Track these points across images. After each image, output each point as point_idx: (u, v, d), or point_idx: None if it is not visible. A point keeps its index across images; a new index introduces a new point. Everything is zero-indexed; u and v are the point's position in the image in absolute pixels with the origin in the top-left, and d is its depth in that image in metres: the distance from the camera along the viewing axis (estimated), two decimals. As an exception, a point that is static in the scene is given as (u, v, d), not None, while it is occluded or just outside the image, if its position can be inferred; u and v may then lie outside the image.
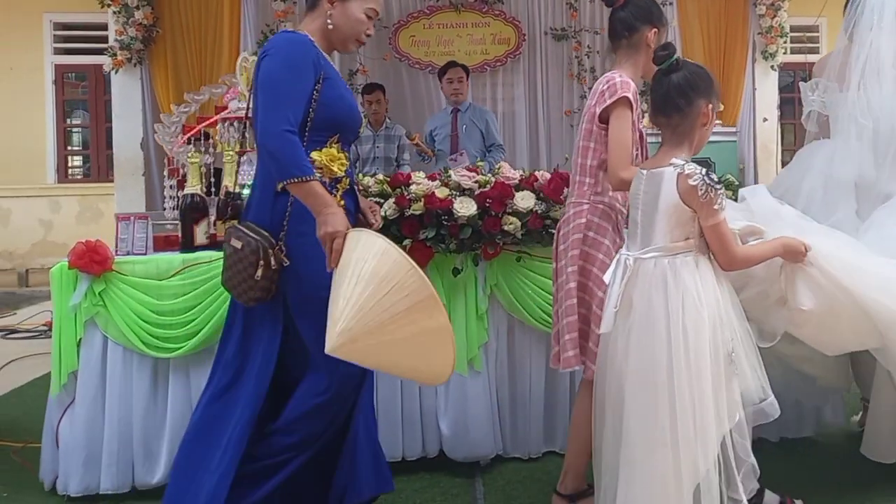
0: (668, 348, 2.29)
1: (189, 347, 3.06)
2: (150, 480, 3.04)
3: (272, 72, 2.42)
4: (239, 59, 3.59)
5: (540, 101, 7.41)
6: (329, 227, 2.32)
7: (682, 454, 2.26)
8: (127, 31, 6.94)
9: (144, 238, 3.19)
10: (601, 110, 2.72)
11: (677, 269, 2.34)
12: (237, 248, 2.44)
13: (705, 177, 2.30)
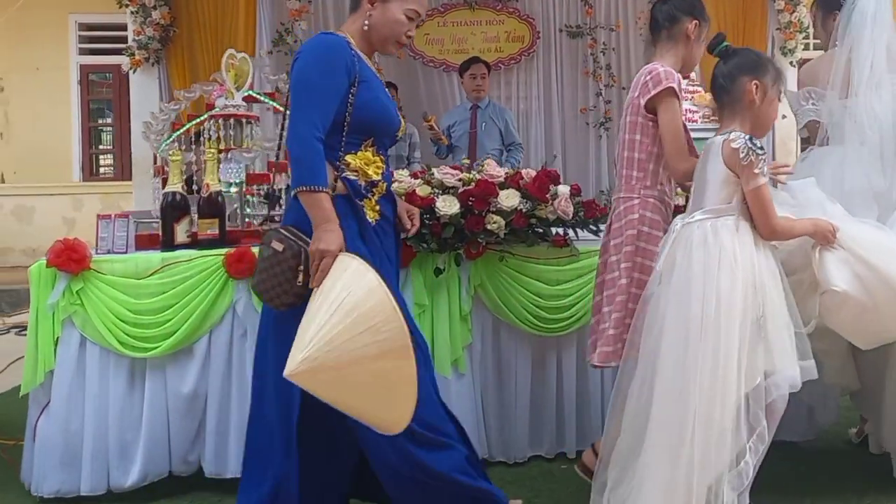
0: (702, 304, 2.38)
1: (165, 347, 3.02)
2: (124, 483, 3.00)
3: (303, 73, 2.40)
4: (224, 56, 3.55)
5: (555, 98, 7.30)
6: (322, 245, 2.28)
7: (699, 406, 2.33)
8: (144, 31, 6.95)
9: (125, 237, 3.16)
10: (647, 101, 2.71)
11: (718, 230, 2.44)
12: (278, 250, 2.38)
13: (748, 141, 2.40)
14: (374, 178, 2.50)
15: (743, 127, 2.52)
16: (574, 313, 3.27)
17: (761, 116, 2.57)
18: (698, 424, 2.34)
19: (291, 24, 7.09)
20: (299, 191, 2.32)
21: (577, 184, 3.44)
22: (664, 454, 2.40)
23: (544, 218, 3.21)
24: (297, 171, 2.35)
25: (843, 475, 3.23)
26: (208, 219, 3.19)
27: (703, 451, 2.34)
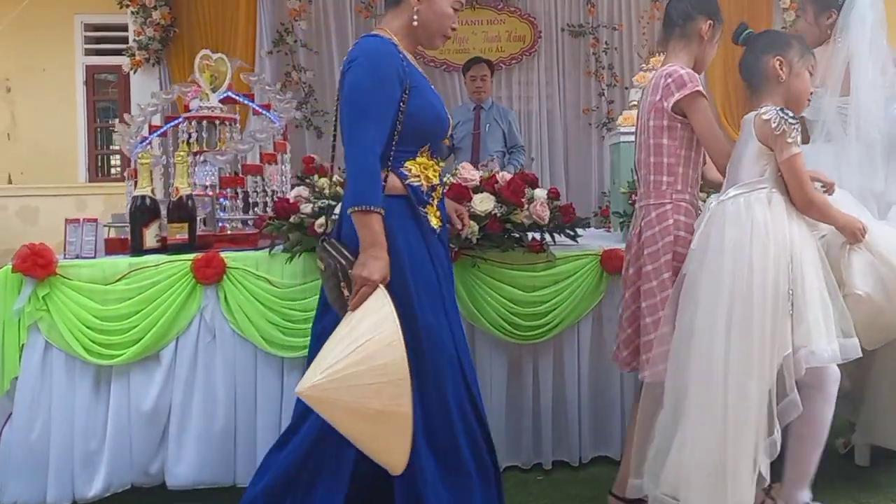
0: (734, 277, 2.42)
1: (130, 354, 2.96)
2: (88, 493, 2.94)
3: (357, 84, 2.31)
4: (198, 58, 3.49)
5: (557, 99, 7.20)
6: (365, 272, 2.21)
7: (733, 378, 2.37)
8: (145, 32, 6.94)
9: (93, 241, 3.11)
10: (672, 103, 2.66)
11: (751, 204, 2.48)
12: (321, 269, 2.41)
13: (779, 112, 2.47)
14: (434, 181, 2.46)
15: (775, 104, 2.55)
16: (550, 320, 3.18)
17: (792, 91, 2.61)
18: (732, 395, 2.36)
19: (291, 24, 7.04)
20: (352, 210, 2.26)
21: (555, 188, 3.36)
22: (702, 426, 2.43)
23: (519, 223, 3.13)
24: (352, 189, 2.29)
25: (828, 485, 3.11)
26: (178, 223, 3.14)
27: (738, 421, 2.36)
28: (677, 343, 2.52)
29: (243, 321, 3.03)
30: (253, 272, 3.07)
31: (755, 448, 2.37)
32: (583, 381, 3.27)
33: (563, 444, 3.30)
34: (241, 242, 3.28)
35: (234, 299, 3.04)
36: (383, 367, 2.11)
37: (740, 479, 2.36)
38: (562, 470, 3.31)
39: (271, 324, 3.04)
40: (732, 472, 2.36)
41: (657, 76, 2.74)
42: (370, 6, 7.11)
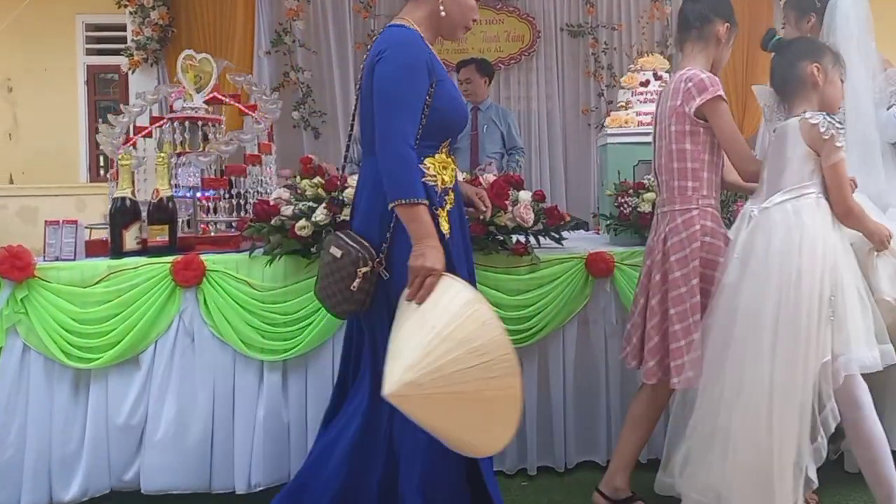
0: (782, 283, 2.42)
1: (108, 358, 2.92)
2: (64, 497, 2.91)
3: (389, 78, 2.27)
4: (181, 58, 3.45)
5: (556, 99, 7.16)
6: (428, 262, 2.17)
7: (780, 383, 2.38)
8: (143, 31, 6.92)
9: (73, 243, 3.07)
10: (695, 108, 2.65)
11: (799, 210, 2.49)
12: (336, 256, 2.33)
13: (826, 116, 2.49)
14: (448, 184, 2.42)
15: (812, 109, 2.57)
16: (535, 324, 3.13)
17: (826, 97, 2.63)
18: (778, 401, 2.38)
19: (289, 24, 7.01)
20: (397, 205, 2.22)
21: (540, 190, 3.31)
22: (747, 432, 2.43)
23: (503, 225, 3.08)
24: (393, 184, 2.23)
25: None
26: (158, 225, 3.10)
27: (783, 427, 2.37)
28: (715, 350, 2.53)
29: (222, 324, 2.99)
30: (233, 275, 3.03)
31: (800, 454, 2.39)
32: (568, 386, 3.22)
33: (548, 449, 3.25)
34: (222, 245, 3.25)
35: (213, 302, 3.00)
36: (483, 348, 2.06)
37: (786, 485, 2.37)
38: (547, 475, 3.25)
39: (251, 327, 3.00)
40: (779, 477, 2.37)
41: (676, 80, 2.72)
42: (369, 6, 7.09)
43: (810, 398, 2.38)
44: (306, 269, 3.05)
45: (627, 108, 3.56)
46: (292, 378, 3.05)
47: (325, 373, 3.07)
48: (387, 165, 2.25)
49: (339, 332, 3.04)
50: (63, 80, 9.90)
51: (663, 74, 3.59)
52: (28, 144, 9.94)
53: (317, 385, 3.05)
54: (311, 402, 3.04)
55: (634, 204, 3.21)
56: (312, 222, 2.98)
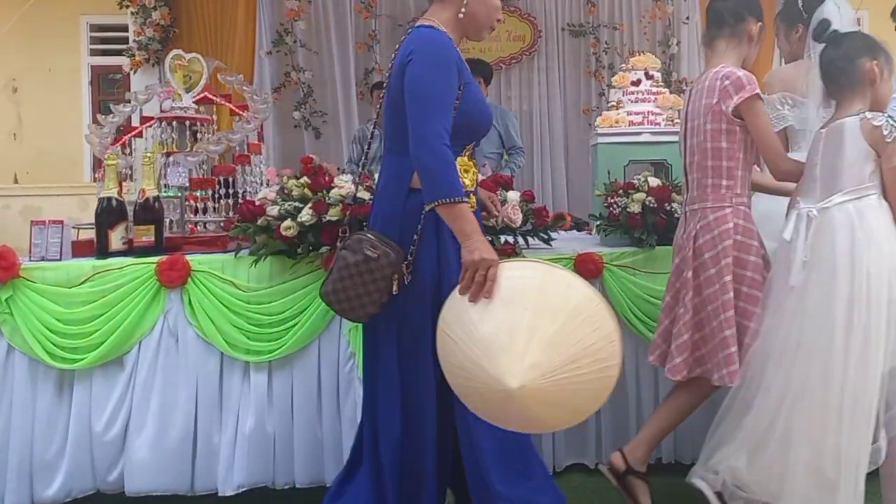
0: (851, 285, 2.38)
1: (92, 359, 2.91)
2: (46, 497, 2.89)
3: (423, 77, 2.25)
4: (168, 58, 3.44)
5: (557, 99, 7.11)
6: (485, 255, 2.16)
7: (849, 385, 2.35)
8: (145, 32, 6.93)
9: (59, 243, 3.06)
10: (733, 107, 2.65)
11: (863, 211, 2.46)
12: (372, 257, 2.28)
13: (889, 119, 2.46)
14: (469, 188, 2.41)
15: (865, 107, 2.55)
16: (524, 326, 3.09)
17: (879, 96, 2.60)
18: (848, 402, 2.35)
19: (291, 25, 7.00)
20: (439, 204, 2.19)
21: (530, 190, 3.28)
22: (813, 432, 2.40)
23: (490, 226, 3.05)
24: (433, 184, 2.20)
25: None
26: (144, 225, 3.09)
27: (853, 427, 2.35)
28: (779, 352, 2.51)
29: (207, 325, 2.97)
30: (218, 275, 3.01)
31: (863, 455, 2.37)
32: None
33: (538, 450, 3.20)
34: (210, 245, 3.22)
35: (198, 303, 2.98)
36: (576, 306, 2.06)
37: (850, 487, 2.35)
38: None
39: (236, 328, 2.98)
40: (844, 479, 2.35)
41: (711, 77, 2.71)
42: (370, 6, 7.07)
43: (877, 400, 2.36)
44: (292, 270, 3.03)
45: (619, 107, 3.52)
46: (278, 379, 3.02)
47: (311, 374, 3.04)
48: (427, 165, 2.21)
49: (326, 332, 3.03)
50: (67, 81, 9.93)
51: (655, 74, 3.55)
52: (32, 144, 9.98)
53: (302, 386, 3.02)
54: (296, 403, 3.01)
55: (624, 204, 3.17)
56: (298, 222, 2.95)
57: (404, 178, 2.34)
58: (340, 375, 3.03)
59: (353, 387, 3.00)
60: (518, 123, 6.21)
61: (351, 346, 3.02)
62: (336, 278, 2.33)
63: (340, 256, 2.33)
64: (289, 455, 3.00)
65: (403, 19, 7.14)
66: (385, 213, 2.38)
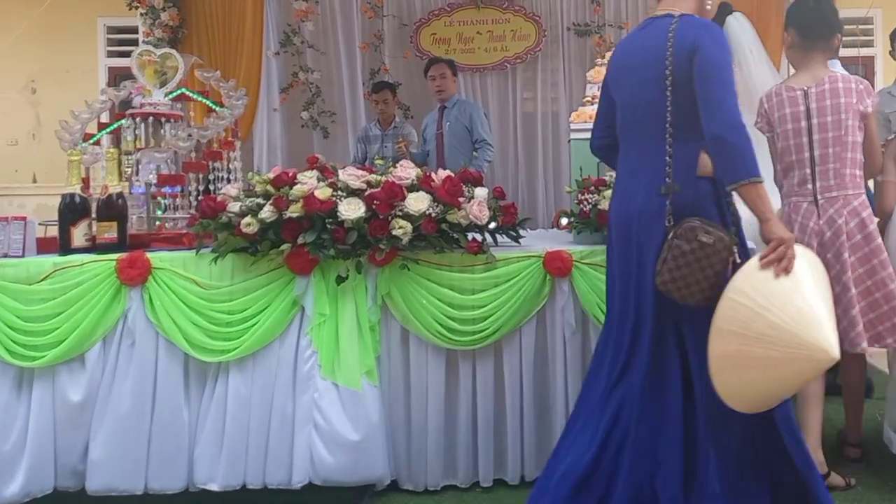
0: None
1: (53, 356, 2.88)
2: (5, 493, 2.86)
3: (719, 60, 2.38)
4: (135, 54, 3.41)
5: (562, 98, 6.99)
6: (785, 234, 2.31)
7: None
8: (154, 33, 6.97)
9: (21, 240, 3.04)
10: (868, 107, 3.02)
11: None
12: (707, 243, 2.33)
13: None
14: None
15: None
16: (490, 325, 3.00)
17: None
18: None
19: (298, 25, 6.99)
20: (746, 184, 2.31)
21: (499, 187, 3.20)
22: None
23: (457, 223, 2.97)
24: (740, 164, 2.31)
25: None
26: (106, 222, 3.05)
27: None
28: None
29: (168, 324, 2.92)
30: (179, 273, 2.97)
31: None
32: (526, 391, 3.07)
33: (503, 460, 3.11)
34: (176, 242, 3.18)
35: (159, 301, 2.94)
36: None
37: None
38: (503, 489, 3.11)
39: (196, 326, 2.93)
40: None
41: (843, 80, 3.01)
42: (376, 7, 7.01)
43: None
44: (253, 267, 2.97)
45: (594, 102, 3.42)
46: (237, 379, 2.96)
47: (270, 373, 2.98)
48: (734, 143, 2.29)
49: (286, 332, 2.98)
50: (84, 82, 9.98)
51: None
52: (50, 144, 9.89)
53: (261, 386, 2.97)
54: (255, 403, 2.95)
55: (595, 201, 3.08)
56: (258, 219, 2.90)
57: (693, 165, 2.43)
58: (299, 375, 2.96)
59: (311, 386, 2.94)
60: (487, 119, 6.17)
61: (313, 344, 2.96)
62: (672, 267, 2.36)
63: (674, 245, 2.36)
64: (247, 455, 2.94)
65: (409, 20, 7.09)
66: (694, 198, 2.41)
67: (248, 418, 2.93)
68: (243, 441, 2.93)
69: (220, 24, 7.02)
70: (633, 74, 2.55)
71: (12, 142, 10.07)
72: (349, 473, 2.95)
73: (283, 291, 2.96)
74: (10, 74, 9.89)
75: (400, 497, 3.06)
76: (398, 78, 7.04)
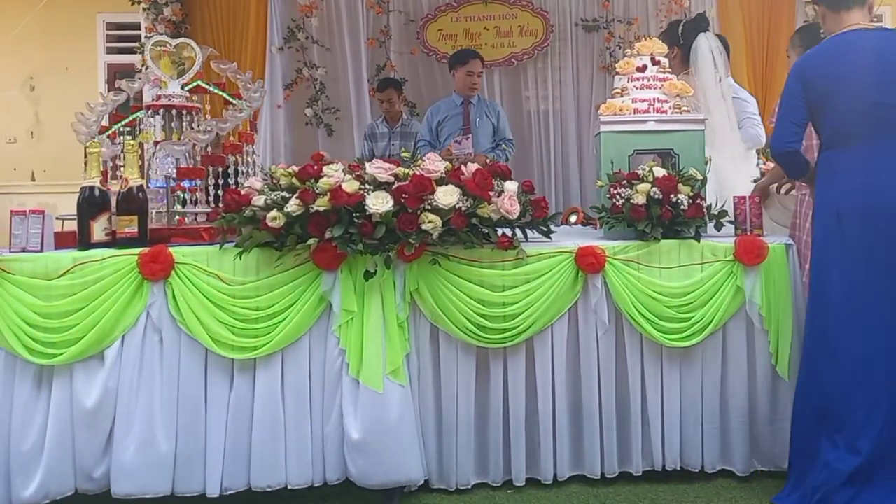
0: None
1: (72, 354, 2.79)
2: (23, 497, 2.77)
3: None
4: (150, 44, 3.32)
5: (570, 95, 6.94)
6: None
7: None
8: (157, 28, 6.87)
9: (39, 234, 2.95)
10: None
11: None
12: None
13: None
14: None
15: None
16: (521, 322, 2.94)
17: None
18: None
19: (303, 21, 6.90)
20: None
21: (529, 181, 3.13)
22: None
23: (487, 217, 2.91)
24: None
25: None
26: (126, 216, 2.97)
27: None
28: None
29: (191, 320, 2.84)
30: (203, 268, 2.89)
31: None
32: (558, 389, 3.02)
33: (537, 458, 3.05)
34: (197, 237, 3.10)
35: (182, 296, 2.85)
36: None
37: None
38: (535, 488, 3.05)
39: (221, 323, 2.86)
40: None
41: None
42: (382, 2, 6.95)
43: None
44: (279, 263, 2.89)
45: (623, 94, 3.36)
46: (263, 377, 2.89)
47: (301, 371, 2.90)
48: None
49: (316, 327, 2.90)
50: (84, 79, 9.90)
51: (661, 59, 3.37)
52: (49, 142, 9.97)
53: (290, 383, 2.89)
54: (287, 401, 2.88)
55: (627, 195, 3.01)
56: (284, 213, 2.83)
57: None
58: (328, 374, 2.89)
59: (341, 385, 2.87)
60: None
61: (340, 343, 2.89)
62: None
63: None
64: (277, 455, 2.86)
65: (416, 15, 7.03)
66: None
67: (276, 417, 2.86)
68: (270, 441, 2.85)
69: (224, 20, 6.94)
70: (867, 77, 2.77)
71: (11, 139, 9.97)
72: (368, 476, 2.87)
73: (309, 287, 2.89)
74: (8, 72, 9.80)
75: (430, 497, 3.00)
76: (404, 74, 6.97)
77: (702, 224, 3.04)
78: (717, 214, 3.09)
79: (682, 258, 3.03)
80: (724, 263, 3.02)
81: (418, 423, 2.98)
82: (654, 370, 3.04)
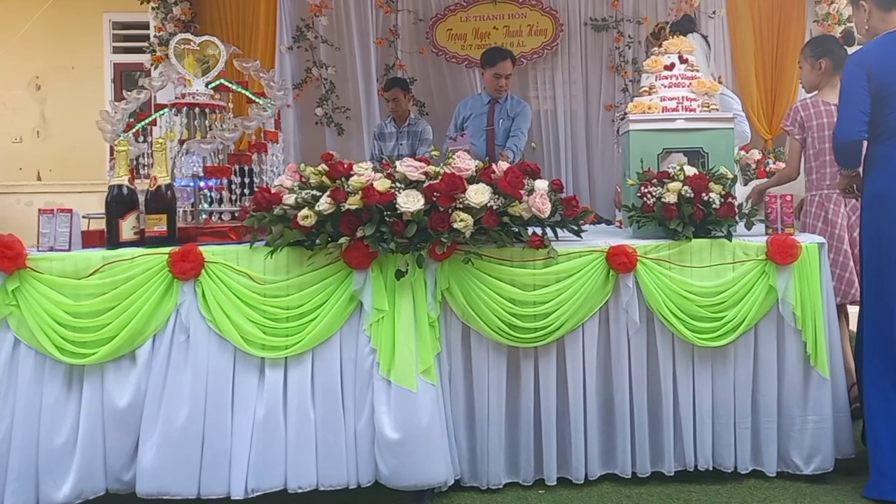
0: None
1: (103, 353, 2.78)
2: (55, 499, 2.76)
3: None
4: (174, 41, 3.29)
5: (580, 94, 6.92)
6: None
7: None
8: (166, 27, 6.87)
9: (67, 233, 2.94)
10: None
11: None
12: None
13: None
14: None
15: None
16: (552, 321, 2.94)
17: None
18: None
19: (312, 20, 6.89)
20: None
21: (558, 179, 3.12)
22: None
23: (518, 216, 2.90)
24: None
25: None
26: (155, 214, 2.96)
27: None
28: None
29: (221, 319, 2.83)
30: (233, 267, 2.88)
31: None
32: (589, 389, 3.01)
33: (568, 457, 3.05)
34: (225, 236, 3.09)
35: (212, 296, 2.84)
36: None
37: None
38: (566, 487, 3.05)
39: (251, 322, 2.85)
40: None
41: None
42: (391, 1, 6.93)
43: None
44: (309, 261, 2.88)
45: (651, 92, 3.35)
46: (294, 376, 2.87)
47: (332, 370, 2.89)
48: None
49: (346, 326, 2.88)
50: (90, 78, 9.92)
51: (689, 57, 3.37)
52: (56, 142, 9.97)
53: (322, 383, 2.88)
54: (318, 401, 2.87)
55: (658, 194, 3.00)
56: (316, 211, 2.82)
57: None
58: (359, 373, 2.88)
59: (372, 384, 2.85)
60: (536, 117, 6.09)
61: (372, 341, 2.87)
62: None
63: None
64: (306, 457, 2.85)
65: (425, 15, 7.01)
66: None
67: (307, 417, 2.84)
68: (301, 442, 2.83)
69: (233, 19, 6.92)
70: None
71: (17, 139, 9.95)
72: (401, 476, 2.85)
73: (340, 286, 2.88)
74: (15, 71, 9.79)
75: (462, 496, 2.99)
76: (413, 74, 6.95)
77: (733, 223, 3.03)
78: (749, 213, 3.08)
79: (714, 257, 3.03)
80: (756, 263, 3.01)
81: (449, 423, 2.97)
82: (685, 370, 3.03)
